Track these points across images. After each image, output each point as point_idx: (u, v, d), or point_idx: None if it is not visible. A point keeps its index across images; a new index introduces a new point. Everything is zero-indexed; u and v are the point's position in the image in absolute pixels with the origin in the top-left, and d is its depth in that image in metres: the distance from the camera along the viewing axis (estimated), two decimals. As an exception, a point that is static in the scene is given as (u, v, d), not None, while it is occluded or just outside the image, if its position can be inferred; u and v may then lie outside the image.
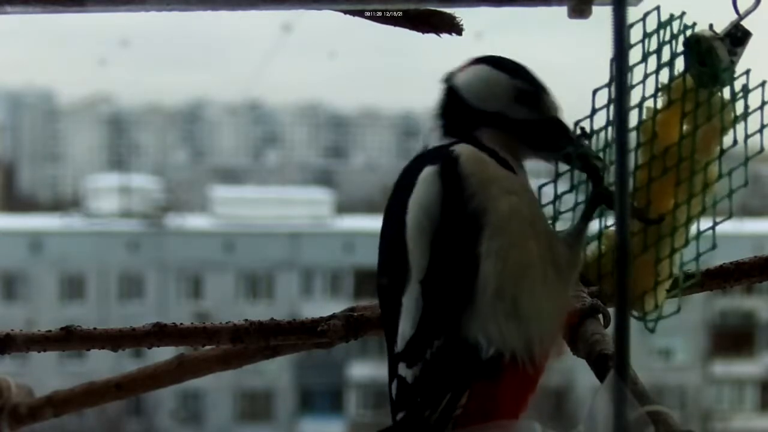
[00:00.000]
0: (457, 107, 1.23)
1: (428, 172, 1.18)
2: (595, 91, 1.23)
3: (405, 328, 1.16)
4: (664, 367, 19.32)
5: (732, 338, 20.22)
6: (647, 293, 1.21)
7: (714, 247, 1.21)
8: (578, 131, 1.24)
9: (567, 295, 1.21)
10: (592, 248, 1.26)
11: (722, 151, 1.20)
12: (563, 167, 1.27)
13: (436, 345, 1.14)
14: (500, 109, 1.22)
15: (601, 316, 1.27)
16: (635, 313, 1.21)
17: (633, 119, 1.21)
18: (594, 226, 1.24)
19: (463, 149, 1.19)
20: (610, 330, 1.24)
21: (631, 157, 1.21)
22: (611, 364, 1.15)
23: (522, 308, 1.15)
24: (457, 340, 1.14)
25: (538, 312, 1.16)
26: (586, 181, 1.24)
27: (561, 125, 1.23)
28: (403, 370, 1.16)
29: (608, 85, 1.21)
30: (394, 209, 1.21)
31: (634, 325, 0.94)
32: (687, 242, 1.21)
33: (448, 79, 1.25)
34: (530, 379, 1.17)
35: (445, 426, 1.14)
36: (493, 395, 1.15)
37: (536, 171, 1.25)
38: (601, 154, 1.25)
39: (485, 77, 1.23)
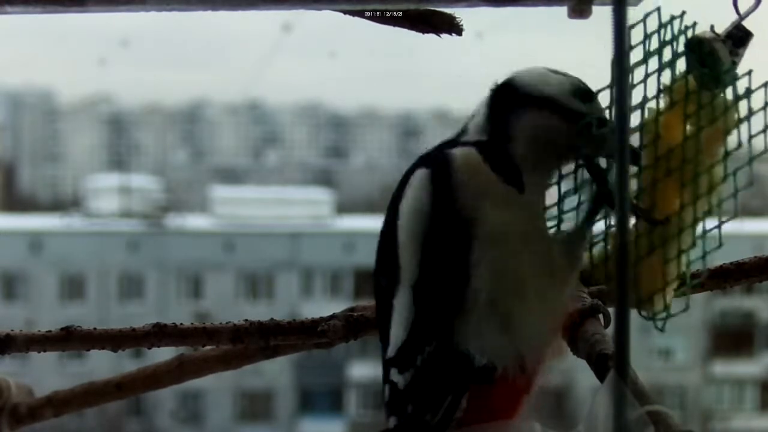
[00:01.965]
0: (505, 99, 1.19)
1: (420, 175, 1.17)
2: (596, 92, 1.23)
3: (397, 333, 1.16)
4: (664, 367, 19.32)
5: (732, 338, 20.21)
6: (656, 294, 1.20)
7: (720, 245, 1.21)
8: None
9: (562, 303, 1.20)
10: (599, 250, 1.26)
11: (727, 152, 1.20)
12: (566, 169, 1.26)
13: (427, 351, 1.13)
14: (554, 94, 1.18)
15: (601, 316, 1.27)
16: (644, 314, 1.21)
17: (635, 120, 1.21)
18: (600, 227, 1.24)
19: (460, 154, 1.17)
20: (610, 330, 1.24)
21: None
22: (611, 364, 1.15)
23: (514, 322, 1.14)
24: (449, 347, 1.13)
25: (529, 326, 1.15)
26: (591, 182, 1.24)
27: (610, 123, 1.18)
28: (394, 375, 1.16)
29: (610, 87, 1.21)
30: (390, 211, 1.20)
31: (635, 325, 0.94)
32: (694, 243, 1.20)
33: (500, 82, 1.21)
34: (523, 385, 1.17)
35: (446, 428, 1.14)
36: (487, 399, 1.15)
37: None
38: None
39: (541, 72, 1.20)
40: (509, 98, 1.19)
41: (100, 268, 19.97)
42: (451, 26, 1.26)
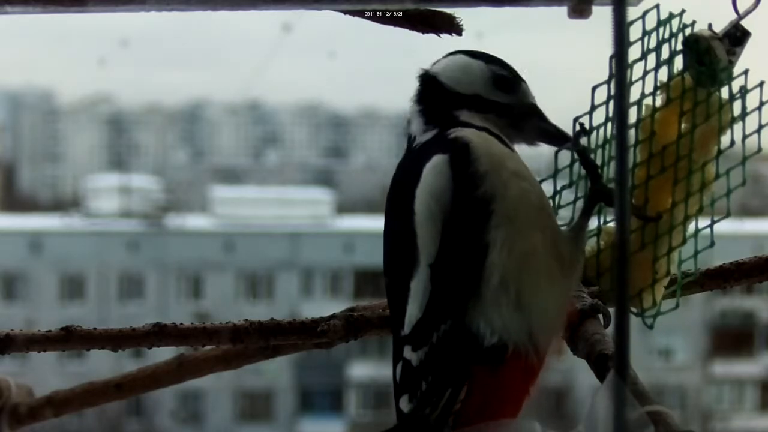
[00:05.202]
0: (434, 94, 1.25)
1: (437, 160, 1.18)
2: (594, 88, 1.23)
3: (412, 311, 1.17)
4: (664, 367, 19.31)
5: (732, 338, 20.21)
6: (645, 290, 1.21)
7: (712, 244, 1.21)
8: (577, 127, 1.24)
9: (569, 290, 1.21)
10: (590, 244, 1.26)
11: (720, 151, 1.20)
12: (562, 163, 1.27)
13: (442, 329, 1.15)
14: (477, 91, 1.24)
15: (601, 316, 1.27)
16: (633, 310, 1.21)
17: (632, 117, 1.22)
18: (592, 222, 1.24)
19: (469, 133, 1.19)
20: (610, 330, 1.24)
21: (630, 155, 1.21)
22: (611, 364, 1.15)
23: (525, 300, 1.15)
24: (461, 326, 1.14)
25: (541, 305, 1.16)
26: (585, 178, 1.24)
27: (538, 111, 1.24)
28: (408, 353, 1.17)
29: (607, 81, 1.22)
30: (398, 200, 1.21)
31: (635, 325, 0.94)
32: (684, 240, 1.21)
33: (425, 70, 1.27)
34: (532, 370, 1.17)
35: (446, 423, 1.14)
36: (496, 384, 1.16)
37: (536, 169, 1.25)
38: (600, 151, 1.26)
39: (462, 63, 1.26)
40: (439, 98, 1.25)
41: (100, 268, 19.96)
42: (451, 26, 1.26)
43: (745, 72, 1.20)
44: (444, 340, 1.15)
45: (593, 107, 1.24)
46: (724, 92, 1.20)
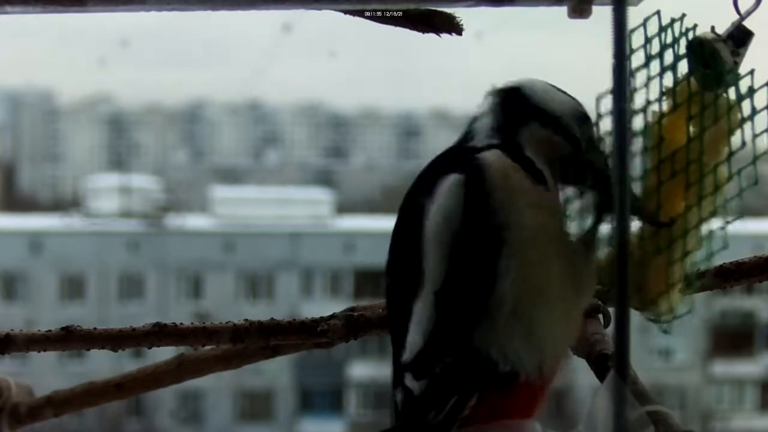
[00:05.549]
0: (513, 104, 1.20)
1: (453, 180, 1.15)
2: (599, 97, 1.22)
3: (415, 338, 1.14)
4: (664, 367, 19.32)
5: (732, 338, 20.23)
6: (661, 296, 1.20)
7: (726, 246, 1.20)
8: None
9: (581, 311, 1.19)
10: (605, 253, 1.25)
11: (731, 153, 1.20)
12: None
13: (446, 361, 1.13)
14: (560, 115, 1.20)
15: (601, 316, 1.27)
16: (650, 317, 1.20)
17: (639, 123, 1.21)
18: (607, 229, 1.23)
19: (491, 158, 1.16)
20: (610, 330, 1.24)
21: (639, 161, 1.20)
22: (611, 364, 1.15)
23: (538, 330, 1.13)
24: (469, 352, 1.12)
25: (551, 334, 1.14)
26: (595, 187, 1.23)
27: (605, 175, 1.20)
28: (410, 381, 1.14)
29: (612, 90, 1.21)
30: (412, 209, 1.18)
31: (634, 325, 0.94)
32: (699, 244, 1.20)
33: (507, 86, 1.22)
34: (538, 392, 1.16)
35: (450, 427, 1.13)
36: (502, 405, 1.15)
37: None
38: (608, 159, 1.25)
39: (553, 89, 1.22)
40: (518, 107, 1.20)
41: (100, 268, 19.97)
42: (451, 26, 1.26)
43: (752, 72, 1.19)
44: (447, 372, 1.13)
45: (599, 116, 1.23)
46: (731, 93, 1.20)
